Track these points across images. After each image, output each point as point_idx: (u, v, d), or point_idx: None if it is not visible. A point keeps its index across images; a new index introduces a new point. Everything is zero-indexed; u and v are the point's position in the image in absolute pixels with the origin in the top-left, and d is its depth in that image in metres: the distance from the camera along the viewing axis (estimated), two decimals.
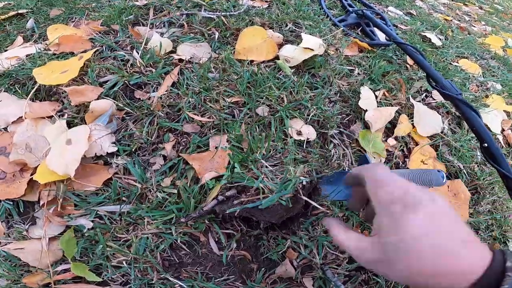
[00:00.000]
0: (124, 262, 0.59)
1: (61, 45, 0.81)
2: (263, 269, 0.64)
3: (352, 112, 0.83)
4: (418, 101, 0.96)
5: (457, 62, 1.24)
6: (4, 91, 0.74)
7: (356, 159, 0.78)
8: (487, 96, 1.15)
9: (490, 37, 1.62)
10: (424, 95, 1.00)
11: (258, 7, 0.98)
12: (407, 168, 0.83)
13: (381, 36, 1.10)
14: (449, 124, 0.98)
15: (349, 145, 0.79)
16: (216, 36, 0.85)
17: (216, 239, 0.64)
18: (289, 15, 0.97)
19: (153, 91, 0.74)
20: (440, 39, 1.33)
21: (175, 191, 0.63)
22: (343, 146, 0.78)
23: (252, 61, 0.82)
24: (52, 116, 0.70)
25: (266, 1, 1.02)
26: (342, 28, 1.01)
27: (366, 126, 0.82)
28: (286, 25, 0.95)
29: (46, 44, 0.83)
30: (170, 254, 0.61)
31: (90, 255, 0.59)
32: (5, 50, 0.84)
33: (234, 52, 0.82)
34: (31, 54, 0.80)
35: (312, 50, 0.85)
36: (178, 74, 0.76)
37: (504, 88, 1.27)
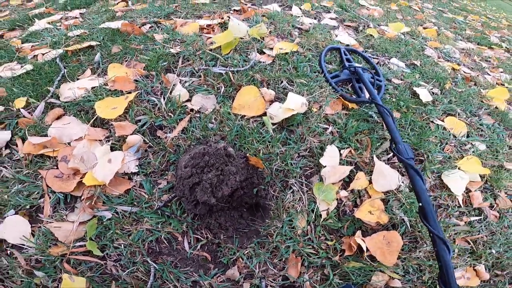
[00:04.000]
0: (122, 245, 0.85)
1: (115, 83, 1.07)
2: (216, 269, 0.88)
3: (315, 167, 0.99)
4: (383, 160, 1.06)
5: (443, 120, 1.25)
6: (73, 115, 1.02)
7: (308, 204, 0.95)
8: (462, 157, 1.18)
9: (495, 89, 1.51)
10: (391, 154, 1.09)
11: (263, 62, 1.12)
12: (353, 216, 0.97)
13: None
14: (408, 183, 1.07)
15: (305, 192, 0.96)
16: (222, 90, 1.03)
17: (189, 241, 0.89)
18: (286, 72, 1.10)
19: (169, 133, 0.97)
20: (433, 93, 1.31)
21: (169, 204, 0.89)
22: (301, 193, 0.96)
23: (244, 116, 1.00)
24: (101, 140, 0.98)
25: (272, 57, 1.15)
26: (332, 86, 1.12)
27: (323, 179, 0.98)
28: (281, 82, 1.09)
29: (105, 79, 1.09)
30: (155, 245, 0.87)
31: (102, 238, 0.85)
32: (77, 79, 1.12)
33: (231, 107, 1.00)
34: (95, 87, 1.07)
35: (293, 110, 0.99)
36: (188, 121, 0.98)
37: (489, 148, 1.26)
